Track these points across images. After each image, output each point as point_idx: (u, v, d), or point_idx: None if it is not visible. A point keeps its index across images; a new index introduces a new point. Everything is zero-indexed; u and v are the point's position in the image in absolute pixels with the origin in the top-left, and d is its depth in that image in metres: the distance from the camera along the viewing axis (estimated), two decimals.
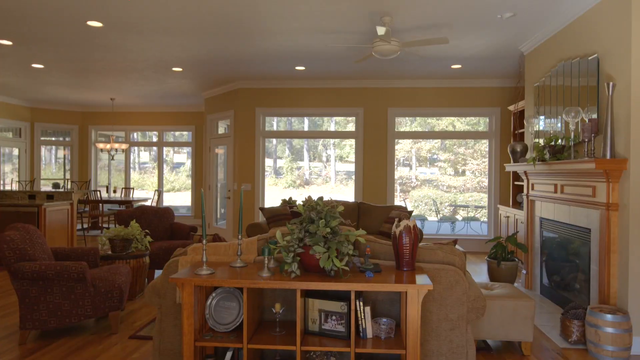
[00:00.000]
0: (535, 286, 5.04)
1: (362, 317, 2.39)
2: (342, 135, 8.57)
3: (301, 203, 2.58)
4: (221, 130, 8.97)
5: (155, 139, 11.93)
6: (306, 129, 13.61)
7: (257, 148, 7.94)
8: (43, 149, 11.74)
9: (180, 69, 6.96)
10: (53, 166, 12.76)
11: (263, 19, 4.62)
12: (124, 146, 10.47)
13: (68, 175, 11.81)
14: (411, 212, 5.87)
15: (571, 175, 4.02)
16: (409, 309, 2.22)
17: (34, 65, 6.84)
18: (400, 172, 19.82)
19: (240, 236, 2.62)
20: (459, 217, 14.00)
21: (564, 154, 4.12)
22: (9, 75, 7.58)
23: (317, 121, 12.87)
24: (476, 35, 5.08)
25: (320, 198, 2.51)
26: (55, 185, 12.07)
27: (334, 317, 2.42)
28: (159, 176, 11.88)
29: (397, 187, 19.62)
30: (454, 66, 6.50)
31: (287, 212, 6.11)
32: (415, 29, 4.80)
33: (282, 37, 5.23)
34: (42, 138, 11.33)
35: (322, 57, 6.09)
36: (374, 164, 7.68)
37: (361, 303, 2.39)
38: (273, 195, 16.01)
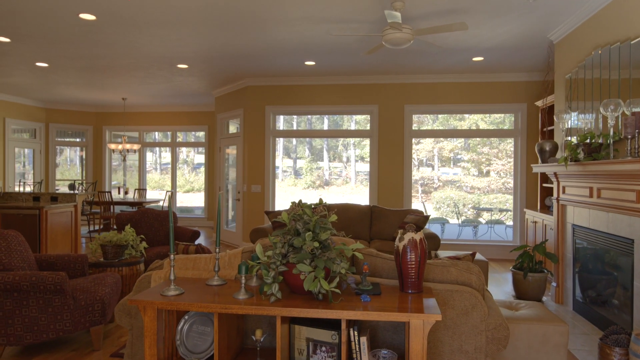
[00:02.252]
0: (567, 301, 4.51)
1: (357, 349, 1.98)
2: (356, 134, 8.15)
3: (299, 209, 2.20)
4: (232, 130, 8.68)
5: (176, 139, 11.72)
6: (326, 127, 13.24)
7: (267, 148, 7.61)
8: (58, 149, 11.74)
9: (185, 66, 6.68)
10: (70, 166, 12.76)
11: (266, 7, 4.26)
12: (136, 147, 10.32)
13: (84, 176, 11.76)
14: (428, 216, 5.41)
15: (610, 178, 3.51)
16: (412, 342, 1.81)
17: (38, 64, 6.68)
18: (421, 172, 19.24)
19: (217, 249, 2.26)
20: (482, 220, 13.37)
21: (601, 153, 3.61)
22: (18, 75, 7.47)
23: (337, 120, 12.47)
24: (499, 22, 4.59)
25: (309, 206, 2.12)
26: (71, 186, 12.06)
27: (323, 348, 2.03)
28: (172, 177, 11.72)
29: (419, 189, 19.09)
30: (475, 58, 6.00)
31: None
32: (430, 15, 4.35)
33: (286, 28, 4.87)
34: (58, 139, 11.31)
35: (331, 50, 5.69)
36: (390, 165, 7.23)
37: (356, 332, 1.98)
38: (293, 197, 15.71)
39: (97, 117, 11.48)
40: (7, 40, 5.40)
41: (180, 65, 6.65)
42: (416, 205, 14.95)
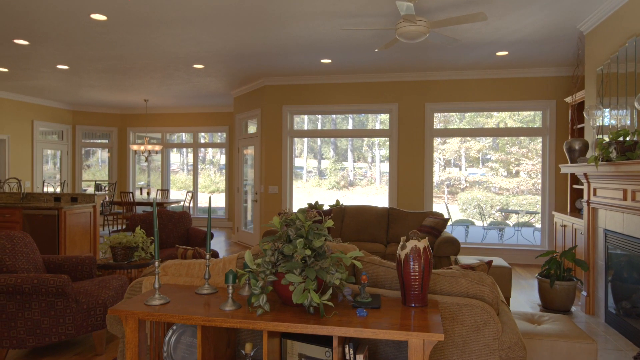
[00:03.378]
0: (598, 312, 4.18)
1: None
2: (375, 133, 7.92)
3: (297, 214, 2.04)
4: (252, 130, 8.62)
5: (198, 140, 11.79)
6: (350, 127, 13.07)
7: (284, 148, 7.49)
8: (91, 150, 12.01)
9: (201, 66, 6.64)
10: (101, 167, 13.04)
11: (278, 3, 4.12)
12: (157, 148, 10.42)
13: (110, 177, 11.97)
14: (447, 219, 5.16)
15: None
16: None
17: (59, 67, 6.78)
18: (448, 173, 18.78)
19: (208, 255, 2.13)
20: (510, 222, 12.90)
21: (636, 152, 3.29)
22: (42, 78, 7.62)
23: (363, 120, 12.25)
24: (523, 12, 4.30)
25: (302, 210, 1.96)
26: (98, 187, 12.32)
27: None
28: (194, 178, 11.78)
29: (445, 189, 18.63)
30: (499, 53, 5.70)
31: None
32: (447, 7, 4.11)
33: (299, 24, 4.72)
34: (84, 140, 11.55)
35: (347, 47, 5.51)
36: (411, 165, 6.98)
37: (351, 350, 1.81)
38: (316, 197, 15.60)
39: (121, 119, 11.66)
40: (26, 43, 5.47)
41: (196, 66, 6.61)
42: (439, 207, 14.60)
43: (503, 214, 12.61)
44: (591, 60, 4.55)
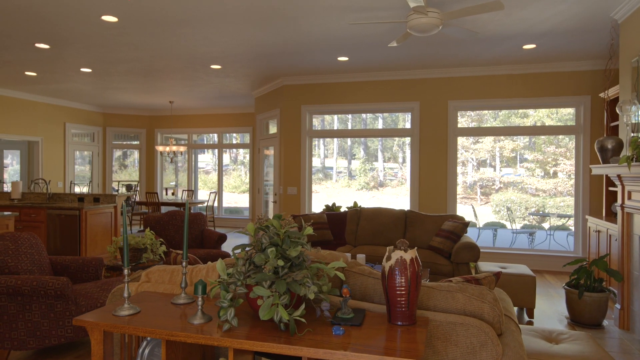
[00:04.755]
0: (634, 327, 3.81)
1: None
2: (395, 133, 7.66)
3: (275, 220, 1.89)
4: (272, 131, 8.55)
5: (231, 141, 11.88)
6: (380, 126, 12.81)
7: (302, 148, 7.36)
8: (128, 152, 12.34)
9: (219, 67, 6.61)
10: (137, 168, 13.37)
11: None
12: (182, 148, 10.54)
13: (139, 177, 12.24)
14: (467, 223, 4.87)
15: None
16: None
17: (83, 70, 6.92)
18: (481, 173, 18.15)
19: (184, 262, 2.01)
20: (545, 225, 12.28)
21: None
22: (69, 81, 7.82)
23: (395, 119, 11.98)
24: (549, 0, 3.98)
25: (278, 215, 1.80)
26: (129, 187, 12.63)
27: None
28: (218, 178, 11.86)
29: (478, 190, 18.00)
30: (526, 46, 5.34)
31: (324, 220, 5.43)
32: None
33: (309, 21, 4.57)
34: (114, 142, 11.85)
35: (362, 44, 5.31)
36: (433, 166, 6.70)
37: None
38: (345, 198, 15.45)
39: (149, 120, 11.89)
40: (47, 47, 5.58)
41: (213, 66, 6.58)
42: (466, 209, 14.09)
43: (534, 217, 12.00)
44: (626, 52, 4.17)
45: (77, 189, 10.94)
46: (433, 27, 3.49)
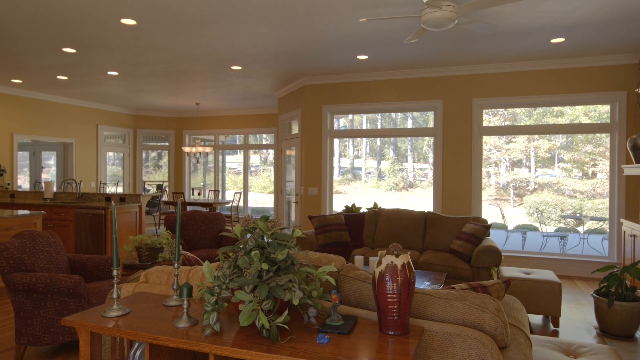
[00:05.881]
0: None
1: None
2: (417, 132, 7.47)
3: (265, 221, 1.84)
4: (295, 131, 8.54)
5: (261, 141, 12.00)
6: (410, 126, 12.55)
7: (323, 148, 7.29)
8: (161, 153, 12.68)
9: (239, 67, 6.64)
10: (165, 168, 13.70)
11: None
12: (208, 149, 10.68)
13: (168, 178, 12.52)
14: (489, 226, 4.66)
15: None
16: None
17: (110, 73, 7.11)
18: (514, 174, 17.58)
19: (176, 264, 1.98)
20: (581, 228, 11.74)
21: None
22: (99, 84, 8.07)
23: (423, 118, 11.74)
24: None
25: (265, 217, 1.74)
26: (159, 187, 12.94)
27: None
28: (244, 179, 11.96)
29: (511, 191, 17.41)
30: (554, 40, 5.08)
31: (341, 221, 5.34)
32: None
33: (324, 19, 4.50)
34: (144, 143, 12.17)
35: (380, 41, 5.20)
36: (457, 166, 6.48)
37: None
38: (373, 199, 15.27)
39: (177, 122, 12.14)
40: (73, 51, 5.76)
41: (234, 67, 6.62)
42: (493, 210, 13.57)
43: (569, 219, 11.48)
44: None
45: (111, 189, 11.29)
46: (448, 21, 3.35)
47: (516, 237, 8.00)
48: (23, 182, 11.13)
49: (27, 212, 5.36)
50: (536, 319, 4.22)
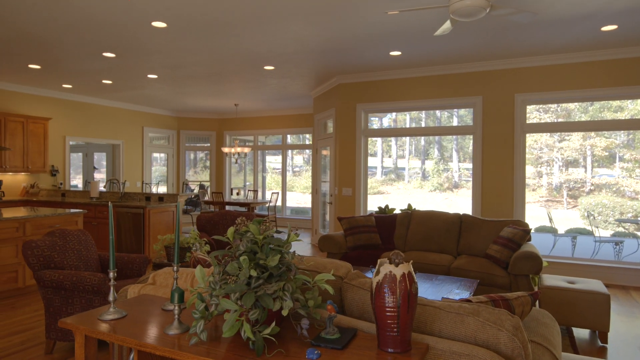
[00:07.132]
0: None
1: None
2: (456, 130, 7.14)
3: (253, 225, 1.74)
4: (329, 131, 8.44)
5: (304, 142, 12.06)
6: (455, 123, 12.11)
7: (357, 148, 7.14)
8: (202, 153, 13.05)
9: (271, 67, 6.62)
10: (196, 168, 14.07)
11: None
12: (246, 150, 10.80)
13: (210, 178, 12.82)
14: (529, 230, 4.33)
15: None
16: None
17: (149, 76, 7.33)
18: (568, 174, 16.63)
19: (175, 267, 1.93)
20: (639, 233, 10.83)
21: None
22: (142, 87, 8.35)
23: (465, 117, 11.33)
24: None
25: (258, 219, 1.64)
26: (201, 187, 13.28)
27: None
28: (282, 179, 12.00)
29: (565, 193, 16.43)
30: (605, 28, 4.65)
31: (372, 223, 5.18)
32: None
33: (352, 16, 4.36)
34: (187, 144, 12.52)
35: (413, 36, 4.98)
36: (498, 166, 6.12)
37: None
38: (415, 200, 14.89)
39: (218, 123, 12.39)
40: (112, 55, 5.96)
41: (266, 67, 6.61)
42: (540, 212, 12.77)
43: (630, 224, 10.60)
44: None
45: (159, 189, 11.70)
46: (479, 9, 3.11)
47: (565, 242, 7.46)
48: (79, 182, 11.77)
49: (69, 210, 5.60)
50: (582, 333, 3.87)
